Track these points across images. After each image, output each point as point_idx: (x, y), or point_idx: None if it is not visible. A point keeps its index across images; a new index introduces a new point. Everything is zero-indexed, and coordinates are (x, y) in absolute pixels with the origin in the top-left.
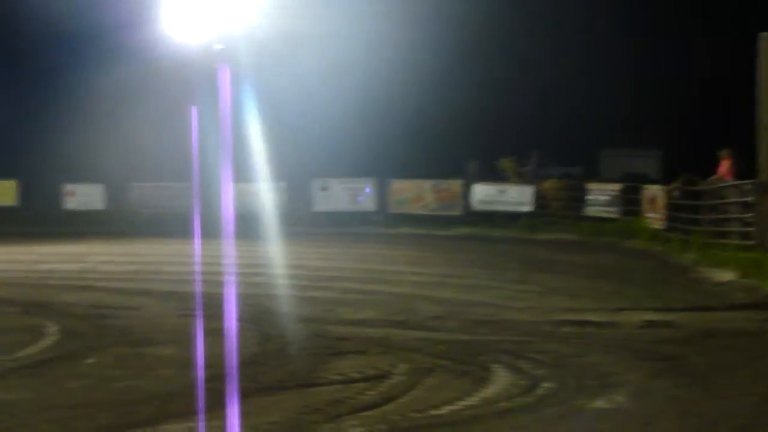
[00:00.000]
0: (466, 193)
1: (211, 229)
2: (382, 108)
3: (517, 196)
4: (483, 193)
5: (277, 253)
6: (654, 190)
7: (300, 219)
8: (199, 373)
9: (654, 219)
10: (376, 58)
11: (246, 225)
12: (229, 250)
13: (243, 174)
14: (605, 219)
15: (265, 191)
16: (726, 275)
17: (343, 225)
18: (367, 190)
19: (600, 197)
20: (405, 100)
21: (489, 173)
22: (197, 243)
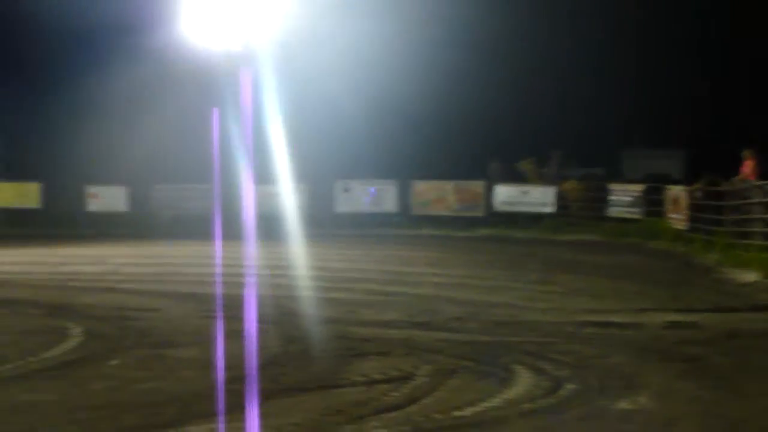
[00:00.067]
0: (489, 194)
1: (233, 231)
2: (404, 109)
3: (539, 197)
4: (505, 194)
5: (298, 254)
6: (677, 190)
7: (322, 220)
8: (222, 374)
9: (677, 220)
10: (398, 59)
11: (268, 227)
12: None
13: (265, 176)
14: (628, 220)
15: (288, 193)
16: (749, 276)
17: (365, 226)
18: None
19: (623, 198)
20: (427, 102)
21: (511, 174)
22: (218, 245)
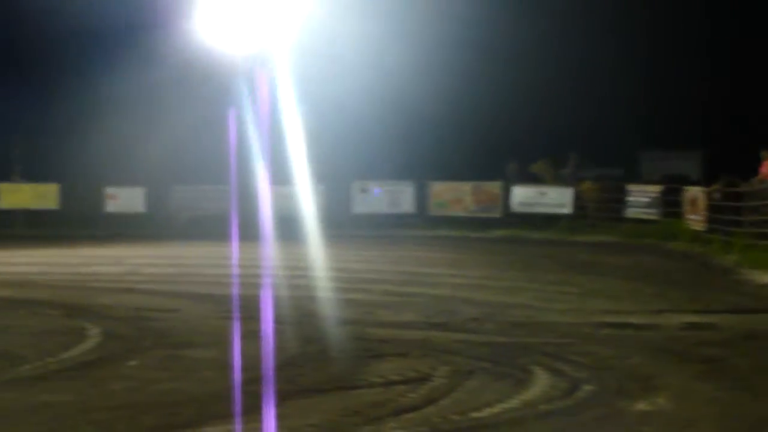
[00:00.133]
0: (506, 195)
1: (250, 232)
2: (421, 110)
3: (556, 198)
4: (522, 196)
5: (316, 255)
6: (695, 191)
7: (339, 221)
8: (239, 375)
9: (695, 221)
10: (415, 60)
11: (285, 227)
12: (267, 252)
13: (282, 176)
14: (646, 221)
15: (305, 194)
16: None
17: (383, 227)
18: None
19: (640, 199)
20: (444, 102)
21: (528, 175)
22: (236, 245)
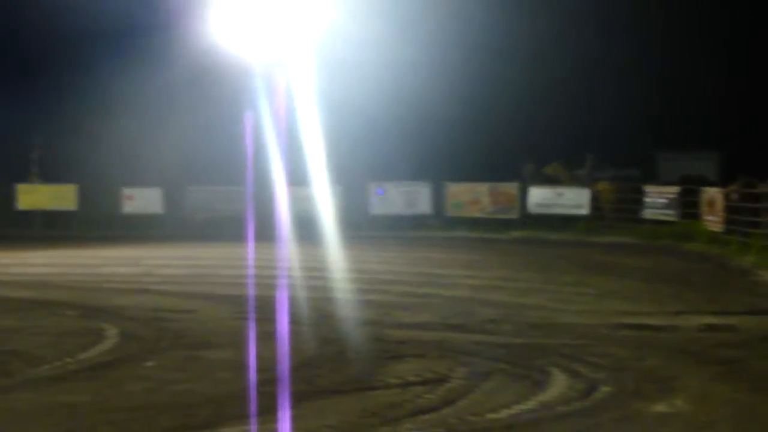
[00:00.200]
0: (523, 196)
1: (267, 233)
2: (438, 111)
3: (574, 199)
4: (540, 196)
5: (333, 256)
6: (712, 192)
7: (356, 222)
8: (256, 376)
9: (712, 222)
10: (432, 62)
11: (303, 228)
12: (283, 253)
13: (299, 178)
14: (663, 222)
15: (322, 195)
16: None
17: (400, 228)
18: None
19: (658, 200)
20: (461, 104)
21: (544, 176)
22: (252, 246)
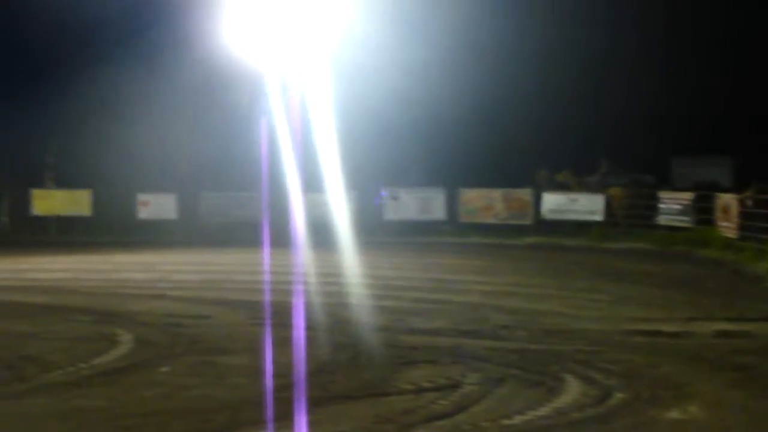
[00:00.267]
0: (537, 202)
1: (281, 239)
2: (452, 117)
3: (587, 205)
4: (553, 202)
5: (346, 262)
6: (727, 198)
7: (370, 228)
8: (271, 382)
9: (727, 228)
10: (445, 68)
11: (317, 234)
12: (298, 259)
13: (315, 184)
14: (678, 228)
15: (336, 201)
16: None
17: (414, 234)
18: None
19: (672, 206)
20: (474, 109)
21: (557, 182)
22: (267, 252)
